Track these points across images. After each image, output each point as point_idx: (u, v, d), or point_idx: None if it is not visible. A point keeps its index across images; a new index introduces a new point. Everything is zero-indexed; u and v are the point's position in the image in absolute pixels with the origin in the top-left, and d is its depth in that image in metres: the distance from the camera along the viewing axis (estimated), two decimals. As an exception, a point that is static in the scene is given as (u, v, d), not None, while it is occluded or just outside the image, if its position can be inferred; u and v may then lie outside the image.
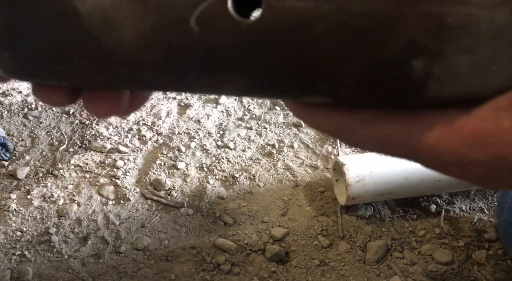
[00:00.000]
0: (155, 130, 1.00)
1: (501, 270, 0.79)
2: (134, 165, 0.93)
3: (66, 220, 0.84)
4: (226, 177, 0.93)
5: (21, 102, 1.03)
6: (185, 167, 0.93)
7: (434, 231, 0.84)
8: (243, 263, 0.79)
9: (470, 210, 0.88)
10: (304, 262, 0.80)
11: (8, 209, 0.85)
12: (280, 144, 0.98)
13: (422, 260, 0.80)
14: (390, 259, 0.80)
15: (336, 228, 0.84)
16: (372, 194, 0.83)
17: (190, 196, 0.89)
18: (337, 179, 0.88)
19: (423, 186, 0.83)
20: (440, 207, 0.88)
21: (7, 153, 0.93)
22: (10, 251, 0.79)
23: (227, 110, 1.04)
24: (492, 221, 0.86)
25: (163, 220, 0.85)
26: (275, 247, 0.80)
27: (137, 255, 0.80)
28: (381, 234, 0.84)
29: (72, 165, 0.92)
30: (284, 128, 1.01)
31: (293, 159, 0.95)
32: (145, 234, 0.82)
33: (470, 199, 0.90)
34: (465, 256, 0.81)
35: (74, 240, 0.81)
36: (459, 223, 0.86)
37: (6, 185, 0.89)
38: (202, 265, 0.79)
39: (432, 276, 0.78)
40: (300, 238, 0.83)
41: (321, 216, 0.86)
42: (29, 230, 0.82)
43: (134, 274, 0.77)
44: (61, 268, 0.78)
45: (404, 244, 0.83)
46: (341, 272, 0.78)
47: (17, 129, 0.98)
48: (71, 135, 0.98)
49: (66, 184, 0.89)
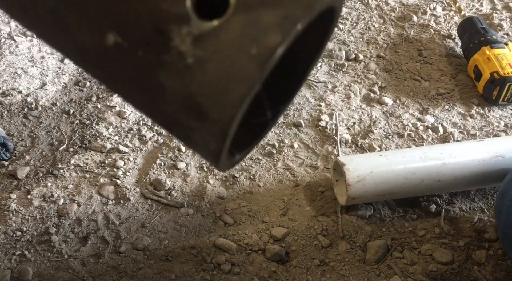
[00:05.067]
0: (155, 130, 1.00)
1: (501, 270, 0.79)
2: (134, 165, 0.93)
3: (66, 220, 0.84)
4: (226, 177, 0.93)
5: (21, 102, 1.03)
6: (185, 167, 0.93)
7: (434, 231, 0.84)
8: (243, 263, 0.79)
9: (470, 210, 0.88)
10: (304, 262, 0.80)
11: (8, 209, 0.85)
12: (280, 144, 0.98)
13: (422, 260, 0.80)
14: (390, 259, 0.80)
15: (336, 228, 0.84)
16: (372, 194, 0.83)
17: (190, 196, 0.89)
18: (337, 179, 0.88)
19: (423, 186, 0.83)
20: (440, 207, 0.88)
21: (7, 153, 0.93)
22: (10, 251, 0.79)
23: (227, 110, 1.05)
24: (492, 221, 0.86)
25: (163, 220, 0.85)
26: (275, 247, 0.80)
27: (137, 255, 0.80)
28: (381, 234, 0.84)
29: (72, 165, 0.92)
30: (284, 128, 1.01)
31: (293, 159, 0.95)
32: (145, 234, 0.82)
33: (470, 199, 0.90)
34: (465, 256, 0.81)
35: (74, 240, 0.81)
36: (459, 223, 0.86)
37: (6, 185, 0.89)
38: (202, 265, 0.79)
39: (432, 276, 0.78)
40: (300, 238, 0.83)
41: (321, 216, 0.86)
42: (29, 230, 0.82)
43: (134, 274, 0.77)
44: (61, 268, 0.78)
45: (404, 244, 0.83)
46: (341, 272, 0.78)
47: (17, 129, 0.99)
48: (71, 135, 0.98)
49: (66, 184, 0.89)
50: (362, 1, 1.33)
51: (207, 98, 0.24)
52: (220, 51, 0.23)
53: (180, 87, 0.24)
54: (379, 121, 1.03)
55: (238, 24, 0.23)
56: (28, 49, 1.15)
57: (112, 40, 0.23)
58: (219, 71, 0.23)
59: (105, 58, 0.24)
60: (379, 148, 0.97)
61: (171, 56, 0.23)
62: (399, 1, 1.34)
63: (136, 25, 0.22)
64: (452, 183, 0.84)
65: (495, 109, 1.06)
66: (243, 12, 0.23)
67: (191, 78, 0.23)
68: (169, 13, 0.22)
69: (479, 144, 0.87)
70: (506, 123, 1.03)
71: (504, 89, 1.02)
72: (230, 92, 0.24)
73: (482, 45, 1.09)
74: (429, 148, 0.86)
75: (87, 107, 1.03)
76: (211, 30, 0.22)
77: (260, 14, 0.22)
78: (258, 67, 0.23)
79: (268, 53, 0.23)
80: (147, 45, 0.23)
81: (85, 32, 0.23)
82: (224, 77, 0.23)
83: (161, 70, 0.23)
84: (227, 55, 0.23)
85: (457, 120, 1.04)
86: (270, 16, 0.23)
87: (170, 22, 0.22)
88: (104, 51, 0.23)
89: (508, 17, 1.29)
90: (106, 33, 0.22)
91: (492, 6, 1.33)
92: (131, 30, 0.23)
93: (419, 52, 1.19)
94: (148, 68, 0.23)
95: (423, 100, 1.08)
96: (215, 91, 0.24)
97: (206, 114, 0.25)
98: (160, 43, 0.23)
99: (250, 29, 0.23)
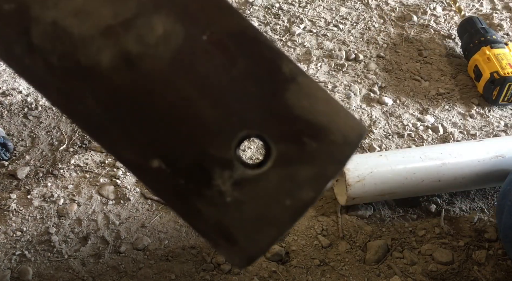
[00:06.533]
0: (155, 130, 1.00)
1: (501, 270, 0.79)
2: (134, 165, 0.93)
3: (66, 220, 0.84)
4: (226, 177, 0.93)
5: (21, 102, 1.03)
6: (185, 167, 0.93)
7: (434, 231, 0.84)
8: (243, 263, 0.79)
9: (470, 210, 0.88)
10: (304, 262, 0.80)
11: (8, 209, 0.85)
12: (280, 144, 0.98)
13: (422, 260, 0.80)
14: (390, 259, 0.80)
15: (336, 228, 0.84)
16: (372, 194, 0.83)
17: (190, 196, 0.89)
18: (337, 179, 0.88)
19: (423, 186, 0.83)
20: (440, 207, 0.88)
21: (7, 153, 0.93)
22: (10, 251, 0.79)
23: (227, 110, 1.05)
24: (492, 221, 0.86)
25: (163, 220, 0.85)
26: (275, 247, 0.80)
27: (137, 255, 0.80)
28: (381, 234, 0.84)
29: (72, 165, 0.92)
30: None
31: (293, 159, 0.95)
32: (145, 234, 0.82)
33: (470, 199, 0.90)
34: (465, 256, 0.81)
35: (74, 240, 0.81)
36: (459, 223, 0.86)
37: (6, 185, 0.89)
38: (202, 265, 0.79)
39: (432, 276, 0.78)
40: (300, 238, 0.83)
41: (321, 216, 0.86)
42: (29, 230, 0.82)
43: (134, 274, 0.77)
44: (61, 268, 0.78)
45: (404, 244, 0.83)
46: (341, 272, 0.78)
47: (17, 129, 0.99)
48: (71, 135, 0.98)
49: (66, 184, 0.89)
50: (362, 1, 1.33)
51: (240, 231, 0.27)
52: (257, 197, 0.25)
53: (215, 216, 0.26)
54: (379, 121, 1.03)
55: (276, 176, 0.25)
56: (28, 49, 1.15)
57: (156, 164, 0.25)
58: (254, 214, 0.26)
59: (146, 175, 0.26)
60: (379, 148, 0.97)
61: (211, 192, 0.25)
62: (399, 1, 1.34)
63: (182, 159, 0.24)
64: (452, 183, 0.84)
65: (495, 109, 1.06)
66: (282, 165, 0.25)
67: (227, 213, 0.26)
68: (214, 158, 0.24)
69: (479, 144, 0.87)
70: (506, 123, 1.03)
71: (504, 89, 1.02)
72: (262, 232, 0.27)
73: (482, 45, 1.09)
74: (429, 148, 0.86)
75: (87, 107, 1.03)
76: (251, 178, 0.25)
77: (296, 169, 0.25)
78: (290, 217, 0.26)
79: (301, 207, 0.26)
80: (189, 177, 0.25)
81: (130, 152, 0.25)
82: (258, 220, 0.26)
83: (199, 199, 0.25)
84: (263, 201, 0.25)
85: (457, 120, 1.04)
86: (305, 172, 0.25)
87: (214, 165, 0.24)
88: (146, 170, 0.25)
89: (508, 17, 1.29)
90: (152, 159, 0.24)
91: (492, 6, 1.33)
92: (176, 162, 0.25)
93: (419, 52, 1.19)
94: (187, 193, 0.26)
95: (423, 100, 1.08)
96: (248, 228, 0.27)
97: (236, 241, 0.27)
98: (202, 179, 0.25)
99: (287, 183, 0.25)
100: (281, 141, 0.24)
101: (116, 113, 0.23)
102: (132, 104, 0.23)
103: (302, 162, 0.25)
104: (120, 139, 0.24)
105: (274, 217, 0.26)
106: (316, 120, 0.24)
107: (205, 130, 0.24)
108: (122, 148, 0.25)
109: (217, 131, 0.24)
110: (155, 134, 0.24)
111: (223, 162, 0.24)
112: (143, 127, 0.24)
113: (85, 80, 0.23)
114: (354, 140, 0.26)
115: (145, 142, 0.24)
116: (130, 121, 0.23)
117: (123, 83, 0.22)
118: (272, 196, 0.25)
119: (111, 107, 0.23)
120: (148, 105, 0.23)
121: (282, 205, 0.25)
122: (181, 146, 0.24)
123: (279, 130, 0.24)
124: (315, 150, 0.25)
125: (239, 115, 0.24)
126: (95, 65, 0.22)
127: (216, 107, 0.23)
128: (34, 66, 0.23)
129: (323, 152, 0.25)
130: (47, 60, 0.22)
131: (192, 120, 0.24)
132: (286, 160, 0.25)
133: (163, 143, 0.24)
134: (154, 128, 0.24)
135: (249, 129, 0.24)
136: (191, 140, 0.24)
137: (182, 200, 0.26)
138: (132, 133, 0.24)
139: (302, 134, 0.24)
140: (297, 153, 0.25)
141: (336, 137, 0.25)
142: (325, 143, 0.25)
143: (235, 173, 0.25)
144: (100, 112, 0.23)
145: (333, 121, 0.25)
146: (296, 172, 0.25)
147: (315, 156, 0.25)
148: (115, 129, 0.24)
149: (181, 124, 0.24)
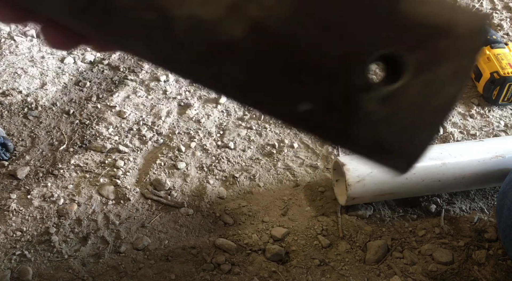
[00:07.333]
0: (155, 130, 1.00)
1: (501, 270, 0.79)
2: (134, 165, 0.93)
3: (66, 220, 0.84)
4: (226, 177, 0.93)
5: (21, 102, 1.03)
6: (185, 167, 0.93)
7: (434, 231, 0.84)
8: (243, 263, 0.79)
9: (470, 210, 0.88)
10: (304, 262, 0.80)
11: (8, 209, 0.85)
12: (280, 144, 0.98)
13: (422, 260, 0.80)
14: (390, 259, 0.80)
15: (336, 228, 0.84)
16: (372, 194, 0.83)
17: (190, 196, 0.89)
18: (337, 179, 0.88)
19: (423, 186, 0.83)
20: (440, 207, 0.88)
21: (7, 153, 0.93)
22: (10, 251, 0.79)
23: (227, 110, 1.04)
24: (492, 221, 0.86)
25: (163, 220, 0.85)
26: (275, 247, 0.80)
27: (137, 255, 0.80)
28: (381, 234, 0.84)
29: (72, 165, 0.92)
30: (284, 128, 1.01)
31: (293, 159, 0.95)
32: (145, 234, 0.82)
33: (470, 199, 0.90)
34: (465, 256, 0.81)
35: (74, 240, 0.81)
36: (459, 223, 0.86)
37: (6, 185, 0.89)
38: (202, 265, 0.79)
39: (432, 276, 0.78)
40: (300, 238, 0.83)
41: (321, 216, 0.86)
42: (29, 230, 0.82)
43: (134, 274, 0.77)
44: (61, 268, 0.78)
45: (404, 244, 0.83)
46: (341, 272, 0.78)
47: (17, 129, 0.99)
48: (71, 135, 0.98)
49: (66, 184, 0.89)
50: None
51: (395, 142, 0.29)
52: (404, 107, 0.27)
53: (369, 134, 0.28)
54: (379, 121, 1.02)
55: (417, 83, 0.26)
56: (28, 49, 1.15)
57: (305, 107, 0.27)
58: (405, 123, 0.28)
59: (297, 120, 0.28)
60: (379, 148, 0.97)
61: (360, 115, 0.27)
62: (399, 1, 1.34)
63: (327, 95, 0.26)
64: (452, 183, 0.84)
65: (495, 109, 1.06)
66: (420, 73, 0.26)
67: (378, 129, 0.28)
68: (355, 85, 0.26)
69: (479, 144, 0.87)
70: (506, 123, 1.03)
71: (504, 89, 1.02)
72: (416, 138, 0.29)
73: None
74: (429, 148, 0.86)
75: (87, 107, 1.03)
76: (393, 92, 0.27)
77: (435, 71, 0.26)
78: (441, 115, 0.28)
79: (450, 101, 0.27)
80: (337, 108, 0.27)
81: (275, 104, 0.27)
82: (410, 127, 0.28)
83: (350, 125, 0.27)
84: (411, 109, 0.27)
85: (457, 120, 1.04)
86: (444, 71, 0.27)
87: (357, 91, 0.26)
88: (296, 114, 0.27)
89: (508, 17, 1.29)
90: (299, 103, 0.27)
91: (492, 6, 1.33)
92: (322, 99, 0.27)
93: (419, 52, 1.19)
94: (338, 125, 0.28)
95: (423, 100, 1.08)
96: (402, 138, 0.29)
97: (394, 151, 0.30)
98: (350, 106, 0.27)
99: (429, 86, 0.27)
100: (412, 51, 0.26)
101: (260, 75, 0.26)
102: (270, 63, 0.25)
103: (438, 63, 0.26)
104: (267, 95, 0.26)
105: (425, 120, 0.28)
106: (438, 21, 0.26)
107: (341, 63, 0.25)
108: (270, 103, 0.27)
109: (351, 61, 0.25)
110: (298, 82, 0.26)
111: (364, 87, 0.26)
112: (287, 79, 0.26)
113: (229, 56, 0.25)
114: (479, 28, 0.27)
115: (292, 92, 0.26)
116: (274, 79, 0.26)
117: (259, 48, 0.25)
118: (418, 102, 0.27)
119: (255, 72, 0.25)
120: (286, 59, 0.25)
121: (431, 107, 0.27)
122: (323, 84, 0.26)
123: (408, 41, 0.26)
124: (446, 49, 0.26)
125: (367, 39, 0.25)
126: (233, 41, 0.24)
127: (344, 40, 0.25)
128: (182, 59, 0.25)
129: (454, 48, 0.26)
130: (192, 50, 0.25)
131: (327, 59, 0.25)
132: (422, 67, 0.26)
133: (307, 86, 0.26)
134: (297, 76, 0.26)
135: (381, 49, 0.26)
136: (331, 76, 0.26)
137: (336, 130, 0.28)
138: (278, 88, 0.26)
139: (430, 38, 0.26)
140: (430, 57, 0.26)
141: (462, 30, 0.26)
142: (453, 39, 0.26)
143: (378, 93, 0.26)
144: (248, 79, 0.26)
145: (454, 18, 0.26)
146: (435, 74, 0.26)
147: (448, 54, 0.26)
148: (261, 91, 0.26)
149: (319, 65, 0.25)
